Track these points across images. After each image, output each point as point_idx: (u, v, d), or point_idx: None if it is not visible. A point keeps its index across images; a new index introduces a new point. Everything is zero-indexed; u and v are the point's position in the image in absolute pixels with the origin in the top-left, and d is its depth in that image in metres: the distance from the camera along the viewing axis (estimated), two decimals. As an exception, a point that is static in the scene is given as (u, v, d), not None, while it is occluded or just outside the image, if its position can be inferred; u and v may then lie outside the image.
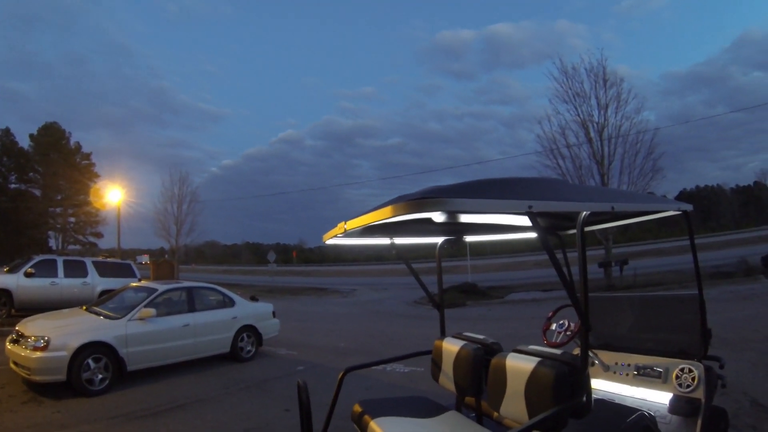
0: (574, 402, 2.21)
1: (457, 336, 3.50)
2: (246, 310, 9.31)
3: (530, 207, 1.99)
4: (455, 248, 4.22)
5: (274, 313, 9.97)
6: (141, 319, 7.37)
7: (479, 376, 2.98)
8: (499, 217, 3.05)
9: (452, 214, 2.74)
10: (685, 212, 3.52)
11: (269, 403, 6.24)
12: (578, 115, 22.21)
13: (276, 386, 7.12)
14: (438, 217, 2.74)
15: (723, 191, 78.16)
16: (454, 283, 23.51)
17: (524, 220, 3.38)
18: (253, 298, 10.26)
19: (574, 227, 4.23)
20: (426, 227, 3.27)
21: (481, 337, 3.31)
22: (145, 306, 7.58)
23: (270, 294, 25.79)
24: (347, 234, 3.01)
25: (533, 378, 2.36)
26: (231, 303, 9.16)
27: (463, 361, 3.14)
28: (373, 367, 7.74)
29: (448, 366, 3.32)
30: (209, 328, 8.43)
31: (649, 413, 2.82)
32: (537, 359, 2.42)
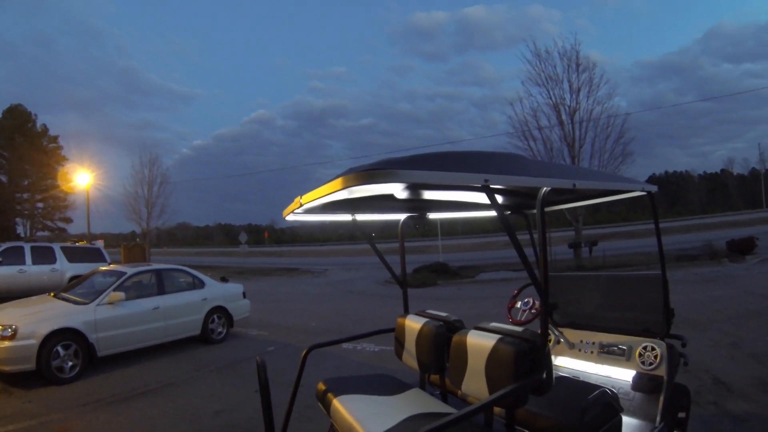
0: (533, 379, 2.22)
1: (420, 313, 3.49)
2: (216, 292, 9.24)
3: (486, 181, 1.94)
4: (420, 226, 4.19)
5: (244, 294, 9.92)
6: (110, 303, 7.26)
7: (441, 354, 2.97)
8: (462, 194, 3.04)
9: (415, 190, 2.72)
10: (649, 193, 3.53)
11: (240, 384, 6.24)
12: (550, 98, 22.51)
13: (247, 367, 7.11)
14: (400, 193, 2.72)
15: (691, 177, 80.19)
16: (426, 263, 23.70)
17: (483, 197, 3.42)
18: (223, 279, 10.19)
19: (546, 206, 4.29)
20: (388, 203, 3.24)
21: (443, 314, 3.31)
22: (114, 290, 7.47)
23: (242, 275, 25.66)
24: (308, 210, 2.99)
25: (493, 355, 2.36)
26: (201, 284, 9.08)
27: (425, 338, 3.13)
28: (344, 347, 7.96)
29: (410, 343, 3.32)
30: (179, 310, 8.36)
31: (611, 390, 2.85)
32: (497, 336, 2.41)
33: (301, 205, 2.46)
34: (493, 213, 4.11)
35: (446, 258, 27.41)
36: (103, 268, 9.00)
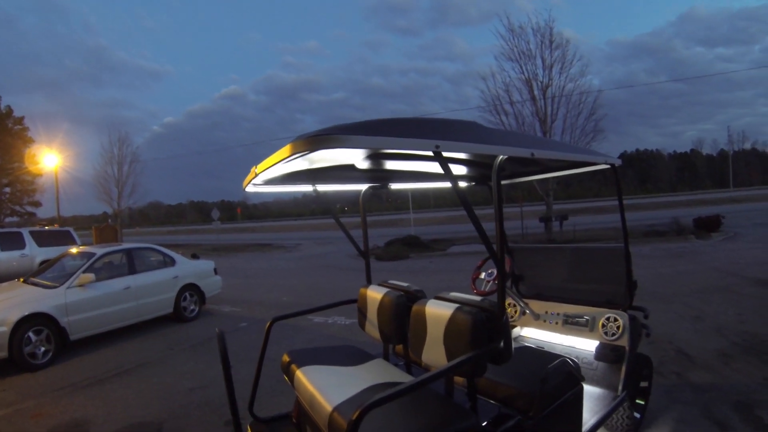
0: (490, 347, 2.23)
1: (382, 284, 3.48)
2: (187, 269, 9.20)
3: (437, 147, 1.87)
4: (386, 198, 4.15)
5: (215, 270, 9.89)
6: (80, 285, 7.17)
7: (402, 324, 2.97)
8: (423, 164, 3.04)
9: (376, 160, 2.71)
10: (613, 166, 3.56)
11: (213, 361, 6.24)
12: (523, 74, 22.57)
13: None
14: (360, 163, 2.71)
15: (661, 156, 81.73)
16: (398, 236, 23.90)
17: (454, 168, 3.33)
18: (194, 256, 10.15)
19: (507, 177, 4.24)
20: (349, 174, 3.22)
21: (404, 284, 3.29)
22: (84, 271, 7.36)
23: (215, 252, 25.50)
24: (269, 181, 2.97)
25: (451, 324, 2.37)
26: (172, 262, 9.02)
27: (386, 308, 3.12)
28: (316, 321, 8.07)
29: (372, 314, 3.32)
30: (151, 289, 8.30)
31: (571, 359, 2.90)
32: (455, 306, 2.41)
33: (257, 175, 2.41)
34: (461, 184, 4.13)
35: (418, 231, 27.67)
36: (73, 250, 8.84)
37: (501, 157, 2.25)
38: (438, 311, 2.49)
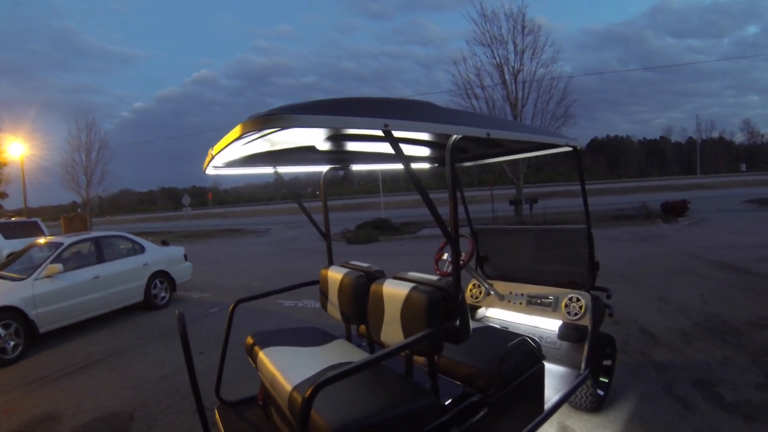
0: (446, 326, 2.24)
1: (343, 265, 3.48)
2: (157, 256, 9.08)
3: (386, 126, 1.84)
4: (355, 180, 4.13)
5: (185, 257, 9.80)
6: (48, 276, 7.00)
7: (362, 304, 2.96)
8: (386, 146, 3.00)
9: (337, 141, 2.71)
10: (575, 149, 3.58)
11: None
12: (494, 58, 22.68)
13: (190, 330, 6.98)
14: (321, 144, 2.71)
15: (631, 142, 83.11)
16: (368, 219, 23.98)
17: (414, 149, 3.34)
18: (164, 243, 9.99)
19: (471, 159, 4.28)
20: (310, 156, 3.21)
21: (365, 265, 3.30)
22: (52, 262, 7.19)
23: (186, 238, 25.25)
24: (229, 164, 2.95)
25: (407, 303, 2.37)
26: (141, 250, 8.89)
27: (346, 289, 3.12)
28: (286, 305, 8.15)
29: (333, 295, 3.32)
30: (120, 277, 8.17)
31: (531, 338, 2.94)
32: (411, 285, 2.42)
33: (213, 157, 2.37)
34: (416, 165, 4.14)
35: (388, 214, 27.77)
36: (40, 240, 8.64)
37: (455, 136, 2.24)
38: (395, 290, 2.49)
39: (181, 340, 2.38)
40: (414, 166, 4.16)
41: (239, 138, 1.85)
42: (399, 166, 4.12)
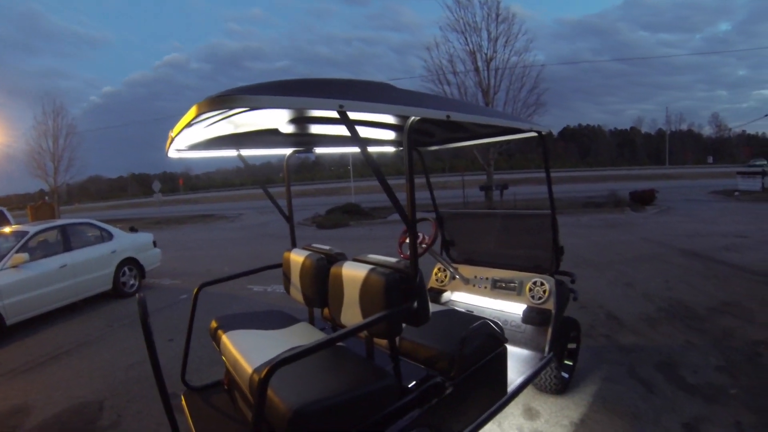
0: (403, 307, 2.23)
1: (306, 247, 3.47)
2: (125, 243, 8.93)
3: (341, 107, 1.82)
4: (327, 165, 4.07)
5: (154, 243, 9.67)
6: (14, 266, 6.84)
7: (323, 287, 2.94)
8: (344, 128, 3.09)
9: (300, 124, 2.71)
10: (540, 134, 3.59)
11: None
12: (468, 45, 22.81)
13: (159, 318, 7.06)
14: (284, 126, 2.70)
15: (602, 132, 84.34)
16: (338, 204, 23.92)
17: (376, 132, 3.34)
18: (132, 229, 9.84)
19: (436, 143, 4.28)
20: (273, 138, 3.19)
21: (326, 247, 3.29)
22: (17, 251, 7.02)
23: (157, 225, 24.83)
24: (193, 147, 2.93)
25: (365, 285, 2.37)
26: (109, 237, 8.73)
27: (307, 271, 3.13)
28: (255, 290, 8.14)
29: (295, 277, 3.31)
30: (88, 266, 8.02)
31: (493, 321, 2.96)
32: (370, 266, 2.42)
33: (173, 139, 2.33)
34: (380, 148, 4.14)
35: (359, 199, 27.66)
36: (6, 230, 8.41)
37: (413, 118, 2.21)
38: (354, 273, 2.50)
39: (142, 325, 2.32)
40: (377, 149, 4.17)
41: (196, 119, 1.83)
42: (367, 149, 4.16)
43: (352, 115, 2.04)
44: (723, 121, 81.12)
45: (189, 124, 1.97)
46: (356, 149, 4.06)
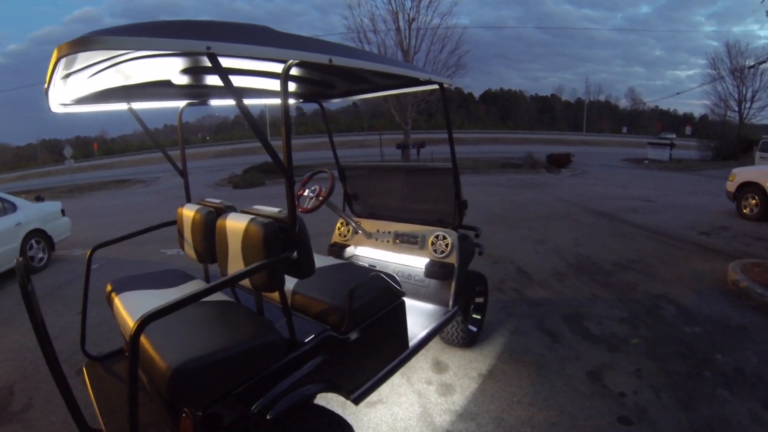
0: (281, 257, 2.18)
1: (199, 202, 3.37)
2: (31, 214, 8.10)
3: (209, 48, 1.70)
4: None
5: (63, 212, 8.98)
6: None
7: (212, 241, 2.84)
8: (248, 79, 2.96)
9: (194, 75, 2.62)
10: (440, 85, 3.56)
11: (63, 309, 5.92)
12: (390, 4, 22.93)
13: (69, 291, 6.74)
14: (177, 78, 2.61)
15: (523, 97, 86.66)
16: (255, 164, 23.63)
17: (273, 84, 3.24)
18: (39, 198, 9.06)
19: (338, 95, 4.20)
20: (166, 90, 3.05)
21: (217, 201, 3.21)
22: None
23: (69, 193, 23.36)
24: (80, 100, 2.79)
25: (246, 235, 2.32)
26: (12, 208, 7.86)
27: (197, 226, 3.07)
28: (168, 254, 7.92)
29: (188, 233, 3.24)
30: (-10, 242, 7.29)
31: (386, 273, 2.92)
32: (250, 217, 2.36)
33: (46, 92, 2.17)
34: (275, 100, 3.99)
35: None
36: None
37: (291, 62, 2.11)
38: (236, 224, 2.43)
39: (22, 293, 2.05)
40: (275, 101, 4.03)
41: (72, 69, 1.74)
42: (263, 101, 4.03)
43: (229, 62, 1.96)
44: (638, 95, 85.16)
45: (67, 75, 1.86)
46: (255, 101, 3.99)
